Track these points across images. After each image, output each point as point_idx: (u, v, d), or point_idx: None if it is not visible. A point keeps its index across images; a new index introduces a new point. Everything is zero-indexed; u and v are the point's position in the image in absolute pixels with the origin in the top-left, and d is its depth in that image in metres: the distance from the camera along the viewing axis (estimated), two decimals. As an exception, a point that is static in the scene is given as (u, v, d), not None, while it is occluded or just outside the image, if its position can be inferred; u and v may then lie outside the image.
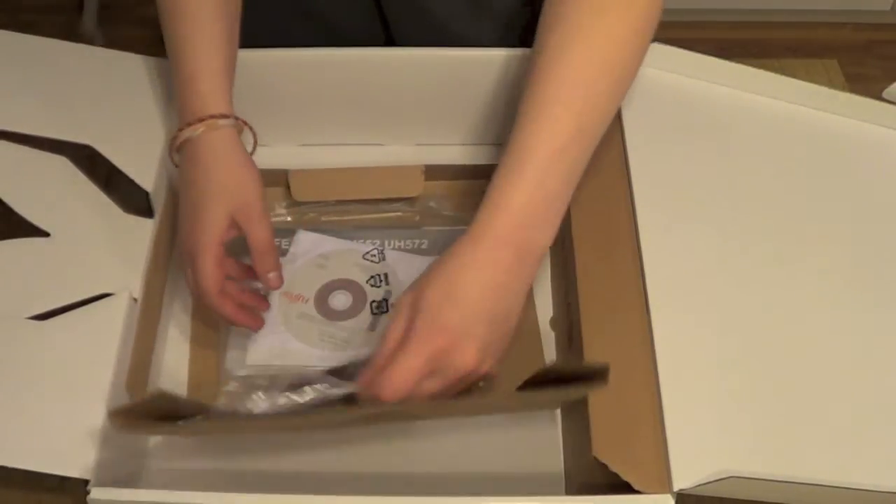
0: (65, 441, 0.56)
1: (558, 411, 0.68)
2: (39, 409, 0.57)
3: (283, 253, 0.73)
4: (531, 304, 0.71)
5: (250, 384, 0.66)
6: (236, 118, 0.67)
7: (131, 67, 0.73)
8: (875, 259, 0.66)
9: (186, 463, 0.65)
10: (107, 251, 0.65)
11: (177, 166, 0.67)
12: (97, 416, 0.57)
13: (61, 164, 0.68)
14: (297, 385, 0.65)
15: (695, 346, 0.61)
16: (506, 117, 0.80)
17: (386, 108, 0.78)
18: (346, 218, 0.76)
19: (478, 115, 0.79)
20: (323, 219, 0.76)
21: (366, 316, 0.70)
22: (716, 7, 1.84)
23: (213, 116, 0.65)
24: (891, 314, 0.64)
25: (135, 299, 0.63)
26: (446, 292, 0.56)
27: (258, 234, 0.64)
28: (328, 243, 0.74)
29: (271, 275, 0.65)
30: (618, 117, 0.71)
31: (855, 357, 0.62)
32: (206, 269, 0.62)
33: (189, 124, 0.64)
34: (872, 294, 0.65)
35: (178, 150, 0.66)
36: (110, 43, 0.75)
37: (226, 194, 0.64)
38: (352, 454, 0.66)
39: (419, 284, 0.57)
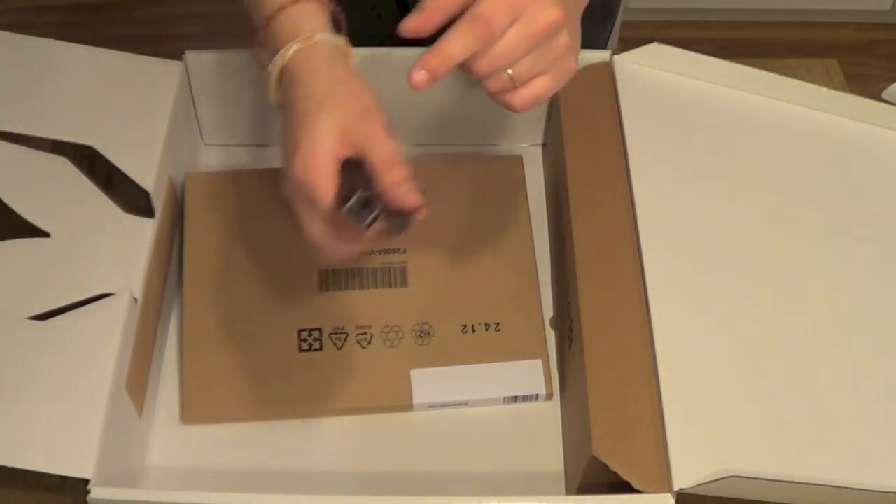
0: (65, 441, 0.56)
1: (558, 410, 0.68)
2: (39, 409, 0.57)
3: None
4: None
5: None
6: (338, 33, 0.58)
7: (132, 67, 0.73)
8: (875, 259, 0.66)
9: (186, 463, 0.65)
10: (107, 251, 0.65)
11: (279, 107, 0.57)
12: (97, 416, 0.57)
13: (61, 165, 0.68)
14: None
15: (695, 346, 0.61)
16: (505, 118, 0.80)
17: (386, 108, 0.78)
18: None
19: (479, 116, 0.79)
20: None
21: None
22: (716, 7, 1.84)
23: (308, 37, 0.55)
24: (892, 314, 0.64)
25: (135, 299, 0.63)
26: None
27: (380, 148, 0.52)
28: None
29: (404, 188, 0.52)
30: (618, 117, 0.71)
31: (856, 357, 0.62)
32: (322, 186, 0.51)
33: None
34: (873, 294, 0.65)
35: (280, 82, 0.56)
36: (109, 43, 0.74)
37: (334, 102, 0.53)
38: (352, 454, 0.66)
39: None
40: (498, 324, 0.69)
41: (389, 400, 0.67)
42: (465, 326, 0.69)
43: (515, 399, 0.68)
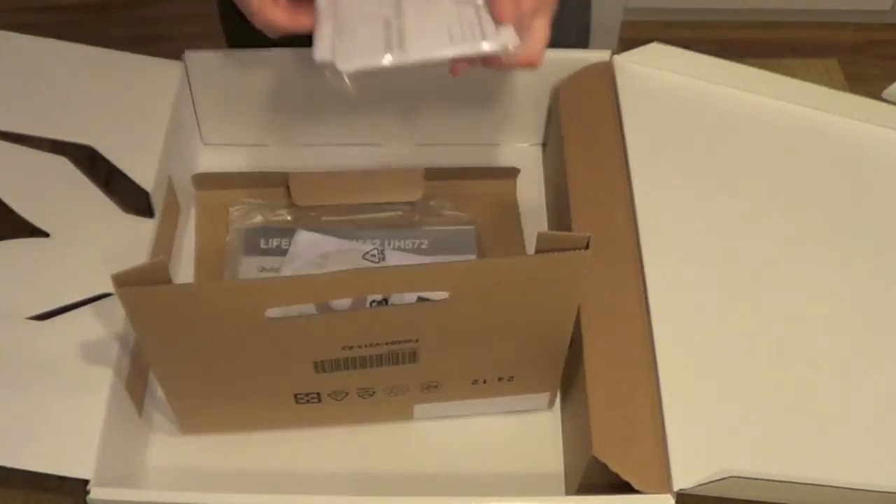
0: (65, 441, 0.56)
1: (558, 411, 0.68)
2: (39, 409, 0.57)
3: (283, 252, 0.73)
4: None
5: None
6: None
7: (132, 67, 0.73)
8: (875, 259, 0.66)
9: (186, 463, 0.65)
10: (107, 251, 0.65)
11: None
12: (97, 416, 0.57)
13: (61, 164, 0.68)
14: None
15: (695, 346, 0.61)
16: (505, 118, 0.80)
17: (386, 108, 0.78)
18: (346, 218, 0.76)
19: (479, 116, 0.79)
20: (323, 218, 0.76)
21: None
22: (716, 7, 1.84)
23: None
24: (891, 314, 0.64)
25: (135, 299, 0.63)
26: None
27: None
28: (328, 243, 0.74)
29: None
30: (618, 117, 0.71)
31: (855, 356, 0.62)
32: None
33: None
34: (872, 294, 0.65)
35: None
36: (109, 43, 0.75)
37: None
38: (352, 455, 0.66)
39: None
40: (511, 377, 0.64)
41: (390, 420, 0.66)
42: (476, 381, 0.64)
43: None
